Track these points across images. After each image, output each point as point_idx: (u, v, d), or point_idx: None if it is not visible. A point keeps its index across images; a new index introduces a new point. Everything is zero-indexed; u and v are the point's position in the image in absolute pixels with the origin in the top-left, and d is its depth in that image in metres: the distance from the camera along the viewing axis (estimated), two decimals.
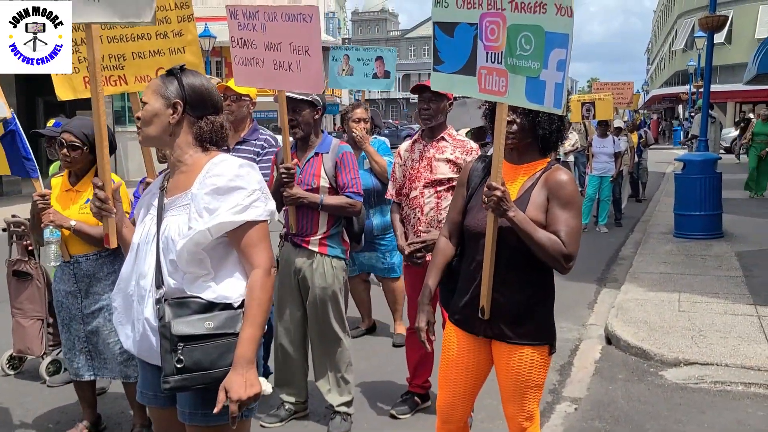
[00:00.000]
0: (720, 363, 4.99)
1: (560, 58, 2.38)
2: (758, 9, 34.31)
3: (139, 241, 2.30)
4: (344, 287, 4.13)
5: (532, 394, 2.76)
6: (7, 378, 5.02)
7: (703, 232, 9.61)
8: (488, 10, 2.56)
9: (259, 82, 3.92)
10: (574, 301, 6.91)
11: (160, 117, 2.25)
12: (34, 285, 4.79)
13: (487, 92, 2.66)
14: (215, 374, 2.09)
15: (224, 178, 2.15)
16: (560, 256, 2.54)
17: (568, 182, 2.64)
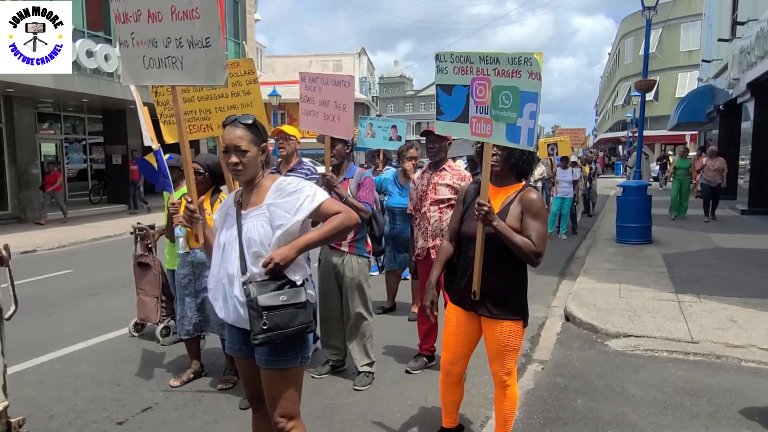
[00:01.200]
0: (650, 336, 4.92)
1: (532, 110, 2.48)
2: (678, 75, 34.35)
3: (224, 241, 2.36)
4: (368, 277, 4.13)
5: (510, 356, 2.79)
6: (133, 338, 5.11)
7: (637, 239, 9.52)
8: (477, 75, 2.67)
9: (315, 128, 4.01)
10: (542, 289, 6.84)
11: (256, 159, 2.31)
12: (152, 272, 4.89)
13: (476, 135, 2.74)
14: (289, 332, 2.18)
15: (292, 186, 2.29)
16: (532, 254, 2.60)
17: (538, 200, 2.70)
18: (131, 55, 2.51)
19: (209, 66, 2.35)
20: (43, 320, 5.75)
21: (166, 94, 3.43)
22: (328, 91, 3.86)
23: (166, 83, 2.51)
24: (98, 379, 4.16)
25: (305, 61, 41.59)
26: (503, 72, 2.56)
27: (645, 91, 10.10)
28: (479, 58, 2.65)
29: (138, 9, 2.43)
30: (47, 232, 12.25)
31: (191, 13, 2.31)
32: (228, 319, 2.35)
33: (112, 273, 7.86)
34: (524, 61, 2.46)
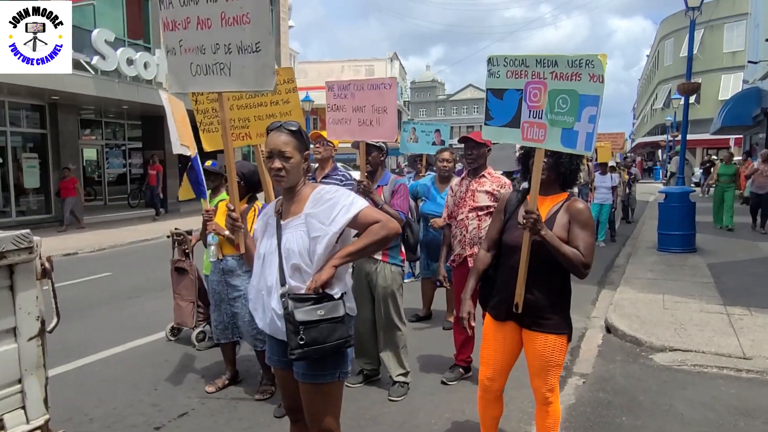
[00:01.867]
0: (698, 350, 4.71)
1: (592, 113, 2.41)
2: (720, 77, 33.32)
3: (264, 252, 2.33)
4: (401, 286, 4.05)
5: (554, 371, 2.68)
6: (170, 342, 5.17)
7: (680, 247, 9.16)
8: (532, 79, 2.59)
9: (346, 135, 3.97)
10: (581, 299, 6.61)
11: (299, 166, 2.28)
12: (188, 277, 4.94)
13: (528, 140, 2.65)
14: (326, 347, 2.13)
15: (329, 195, 2.24)
16: (581, 265, 2.51)
17: (585, 209, 2.62)
18: (178, 63, 2.51)
19: (259, 71, 2.33)
20: (83, 322, 5.87)
21: (206, 103, 3.45)
22: (364, 96, 3.82)
23: (214, 90, 2.50)
24: (136, 383, 4.21)
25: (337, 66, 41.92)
26: (561, 75, 2.48)
27: (689, 94, 9.75)
28: (536, 62, 2.57)
29: (187, 16, 2.43)
30: (88, 235, 12.59)
31: (241, 19, 2.30)
32: (266, 330, 2.33)
33: (150, 276, 8.01)
34: (586, 63, 2.38)
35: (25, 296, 1.98)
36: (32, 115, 14.13)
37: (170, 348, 5.01)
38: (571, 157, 2.65)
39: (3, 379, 1.96)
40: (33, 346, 2.03)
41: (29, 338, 2.01)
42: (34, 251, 1.99)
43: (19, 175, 13.74)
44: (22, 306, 1.98)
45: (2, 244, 1.86)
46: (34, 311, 2.02)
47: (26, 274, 1.99)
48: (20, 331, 1.98)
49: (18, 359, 1.98)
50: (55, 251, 10.32)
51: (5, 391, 1.96)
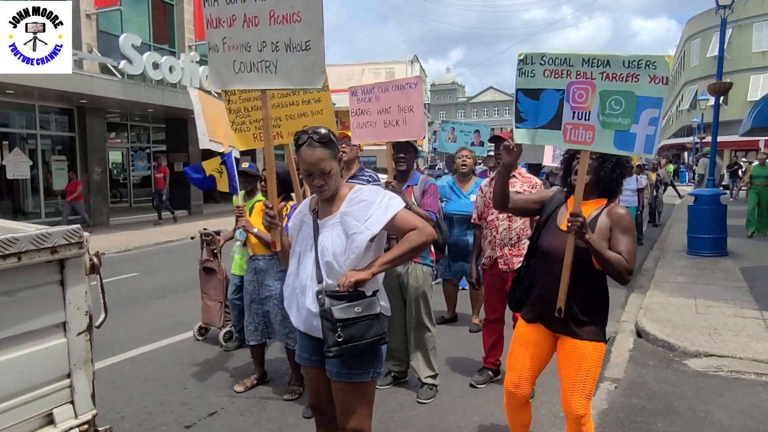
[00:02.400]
0: (734, 356, 4.58)
1: (653, 115, 2.35)
2: (750, 78, 32.70)
3: (300, 250, 2.32)
4: (431, 287, 4.02)
5: (589, 384, 2.56)
6: (197, 342, 5.20)
7: (711, 250, 8.95)
8: (577, 78, 2.49)
9: (371, 138, 3.96)
10: (610, 302, 6.53)
11: (338, 173, 2.27)
12: (216, 277, 4.97)
13: (572, 142, 2.56)
14: (362, 345, 2.12)
15: (368, 197, 2.22)
16: (624, 271, 2.44)
17: (626, 215, 2.55)
18: (221, 60, 2.51)
19: (307, 69, 2.32)
20: (113, 321, 5.85)
21: (238, 102, 3.46)
22: (388, 98, 3.80)
23: (257, 87, 2.48)
24: (166, 382, 4.24)
25: (358, 69, 42.00)
26: (614, 76, 2.40)
27: (720, 94, 9.56)
28: (582, 61, 2.47)
29: (233, 14, 2.42)
30: (114, 236, 12.79)
31: (292, 17, 2.30)
32: (301, 327, 2.32)
33: (176, 276, 8.10)
34: (646, 64, 2.31)
35: (74, 291, 2.01)
36: (61, 119, 14.43)
37: (198, 347, 5.05)
38: (614, 164, 2.58)
39: (53, 373, 1.98)
40: (82, 340, 2.05)
41: (78, 333, 2.03)
42: (83, 246, 2.00)
43: (49, 177, 14.03)
44: (72, 301, 2.00)
45: (54, 239, 1.89)
46: (83, 306, 2.04)
47: (76, 269, 2.01)
48: (70, 325, 2.01)
49: (67, 354, 2.01)
50: None
51: (55, 385, 1.99)
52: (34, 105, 13.39)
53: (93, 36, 14.26)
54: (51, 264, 1.93)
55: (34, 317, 1.90)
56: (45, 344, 1.95)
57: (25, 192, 13.94)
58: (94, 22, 14.28)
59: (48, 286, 1.94)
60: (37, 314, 1.91)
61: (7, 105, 13.06)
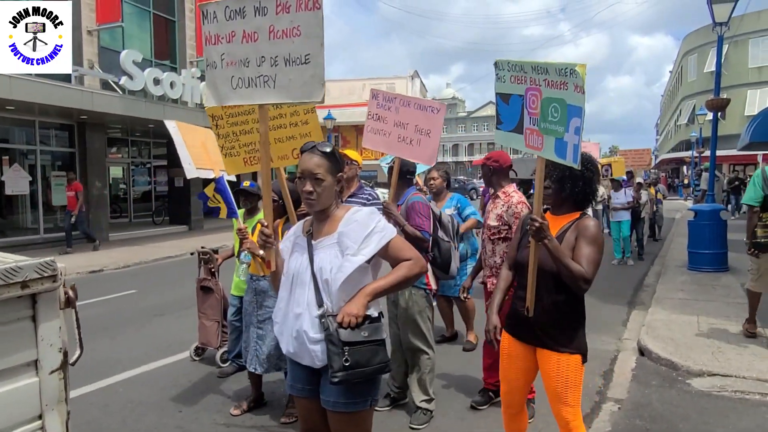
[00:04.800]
0: (738, 375, 4.49)
1: (577, 125, 2.34)
2: (746, 93, 32.79)
3: (293, 273, 2.26)
4: (426, 310, 3.90)
5: (572, 393, 2.59)
6: (194, 362, 5.11)
7: (711, 266, 8.87)
8: (530, 85, 2.55)
9: (382, 147, 3.91)
10: (611, 319, 6.45)
11: (332, 189, 2.22)
12: (214, 297, 4.89)
13: (530, 147, 2.63)
14: (368, 370, 2.05)
15: (363, 220, 2.17)
16: (581, 278, 2.45)
17: (593, 226, 2.60)
18: (219, 76, 2.49)
19: (306, 82, 2.29)
20: (108, 341, 5.87)
21: (227, 127, 3.42)
22: (409, 114, 3.73)
23: (255, 102, 2.46)
24: (161, 405, 4.16)
25: (359, 84, 42.17)
26: (552, 83, 2.41)
27: (717, 110, 9.54)
28: (531, 68, 2.53)
29: (232, 30, 2.42)
30: (113, 252, 12.72)
31: (292, 32, 2.29)
32: (293, 354, 2.24)
33: (175, 294, 8.01)
34: (570, 72, 2.31)
35: (47, 327, 1.87)
36: (61, 134, 14.44)
37: (195, 368, 4.95)
38: (573, 180, 2.62)
39: (22, 415, 1.83)
40: (55, 379, 1.90)
41: (51, 371, 1.89)
42: (57, 279, 1.87)
43: (48, 192, 13.99)
44: (44, 337, 1.86)
45: (25, 273, 1.76)
46: (57, 342, 1.90)
47: (49, 303, 1.87)
48: (42, 364, 1.86)
49: (39, 394, 1.86)
50: (80, 268, 10.43)
51: (25, 428, 1.84)
52: (34, 121, 13.39)
53: (94, 52, 14.32)
54: (22, 299, 1.79)
55: (2, 356, 1.76)
56: (14, 384, 1.80)
57: (25, 208, 13.89)
58: (96, 38, 14.35)
59: (18, 322, 1.80)
60: (6, 352, 1.77)
61: (7, 121, 13.07)
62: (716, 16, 9.17)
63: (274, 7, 2.32)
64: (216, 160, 3.91)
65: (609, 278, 9.18)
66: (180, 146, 3.66)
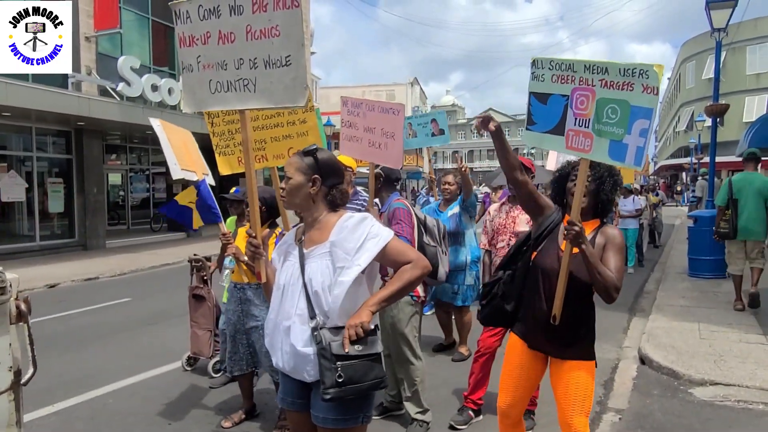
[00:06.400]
0: (741, 384, 4.39)
1: (643, 127, 2.28)
2: (745, 99, 32.83)
3: (284, 283, 2.15)
4: (414, 319, 3.79)
5: (588, 400, 2.54)
6: (186, 372, 5.00)
7: (712, 272, 8.77)
8: (580, 85, 2.46)
9: (357, 154, 3.86)
10: (610, 327, 6.35)
11: (302, 189, 2.13)
12: (206, 305, 4.79)
13: (573, 149, 2.53)
14: (362, 387, 1.94)
15: (356, 227, 2.06)
16: (613, 288, 2.39)
17: (619, 236, 2.56)
18: (196, 80, 2.37)
19: (288, 86, 2.18)
20: (97, 351, 5.76)
21: (222, 125, 3.34)
22: (375, 118, 3.69)
23: (235, 107, 2.34)
24: (149, 418, 4.04)
25: (358, 91, 42.29)
26: (612, 83, 2.34)
27: (717, 116, 9.49)
28: (584, 67, 2.44)
29: (207, 31, 2.30)
30: (110, 259, 12.62)
31: (270, 32, 2.17)
32: (284, 367, 2.13)
33: (169, 302, 7.89)
34: (640, 73, 2.24)
35: None
36: (58, 141, 14.36)
37: (186, 378, 4.84)
38: (613, 185, 2.56)
39: None
40: (4, 401, 1.73)
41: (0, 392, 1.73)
42: (7, 292, 1.72)
43: (44, 199, 13.89)
44: None
45: None
46: (7, 361, 1.73)
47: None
48: None
49: None
50: (76, 276, 10.33)
51: None
52: (31, 127, 13.31)
53: (92, 58, 14.27)
54: None
55: None
56: None
57: (21, 215, 13.79)
58: (94, 45, 14.31)
59: None
60: None
61: (3, 127, 12.98)
62: (714, 21, 9.14)
63: (251, 6, 2.20)
64: (198, 162, 3.82)
65: None
66: (165, 145, 3.57)
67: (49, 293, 9.08)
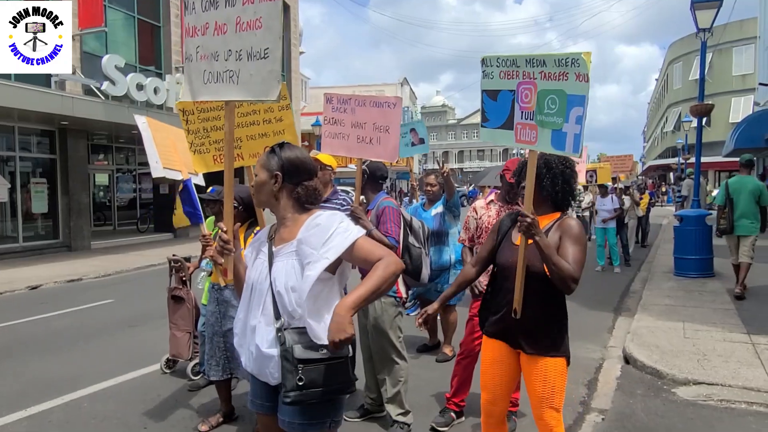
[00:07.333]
0: (724, 384, 4.38)
1: (578, 114, 2.35)
2: (731, 100, 33.21)
3: (253, 281, 2.10)
4: (397, 319, 3.74)
5: (557, 398, 2.54)
6: (164, 375, 4.92)
7: (698, 272, 8.83)
8: (523, 79, 2.54)
9: (342, 151, 3.81)
10: (596, 327, 6.34)
11: (266, 186, 2.09)
12: (185, 306, 4.72)
13: (521, 142, 2.60)
14: (326, 391, 1.88)
15: (324, 222, 1.99)
16: (569, 278, 2.39)
17: (576, 226, 2.57)
18: (194, 70, 2.39)
19: (265, 79, 2.17)
20: (75, 354, 5.66)
21: (197, 122, 3.28)
22: (365, 113, 3.65)
23: (221, 98, 2.34)
24: (125, 421, 3.96)
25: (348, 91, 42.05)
26: (550, 75, 2.42)
27: (701, 116, 9.50)
28: (525, 61, 2.52)
29: (206, 22, 2.32)
30: (95, 260, 12.47)
31: (255, 24, 2.17)
32: (252, 369, 2.07)
33: (152, 304, 7.75)
34: (572, 62, 2.32)
35: None
36: (42, 141, 14.16)
37: (164, 381, 4.76)
38: (552, 179, 2.60)
39: None
40: None
41: None
42: None
43: (28, 200, 13.70)
44: None
45: None
46: None
47: None
48: None
49: None
50: (59, 277, 10.18)
51: None
52: (13, 127, 13.12)
53: (77, 57, 14.07)
54: None
55: None
56: None
57: (4, 216, 13.58)
58: (78, 43, 14.12)
59: None
60: None
61: None
62: (699, 22, 9.17)
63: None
64: (186, 161, 3.75)
65: (595, 285, 9.09)
66: (148, 143, 3.51)
67: (31, 295, 8.94)
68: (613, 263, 10.45)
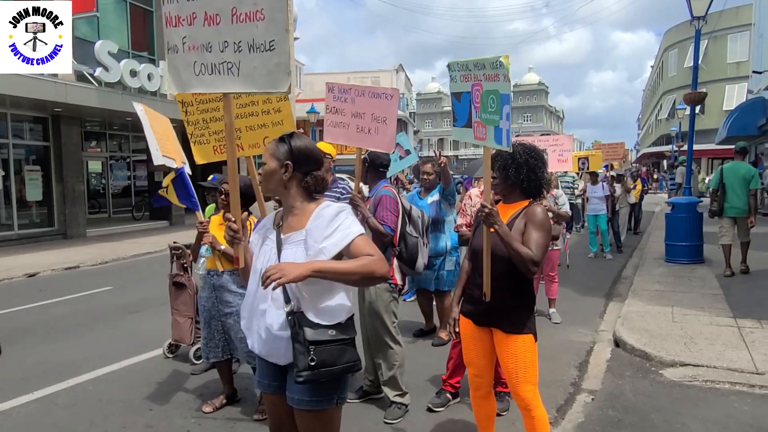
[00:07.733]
0: (709, 365, 4.55)
1: (508, 111, 2.58)
2: (725, 88, 33.23)
3: (261, 267, 2.18)
4: (391, 304, 3.87)
5: (529, 372, 2.72)
6: (167, 360, 5.04)
7: (688, 258, 9.02)
8: (475, 82, 2.78)
9: (342, 139, 3.90)
10: (588, 312, 6.51)
11: (275, 175, 2.17)
12: (187, 292, 4.83)
13: (478, 139, 2.83)
14: (335, 370, 2.00)
15: (329, 215, 2.08)
16: (529, 261, 2.58)
17: (541, 212, 2.73)
18: (181, 61, 2.34)
19: (271, 71, 2.15)
20: (78, 339, 5.77)
21: (197, 114, 3.34)
22: (364, 103, 3.73)
23: (219, 90, 2.32)
24: (130, 404, 4.08)
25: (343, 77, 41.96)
26: (489, 76, 2.66)
27: (694, 103, 9.62)
28: (474, 65, 2.75)
29: (193, 11, 2.26)
30: (91, 248, 12.52)
31: (255, 15, 2.15)
32: (260, 351, 2.18)
33: (151, 290, 7.89)
34: (499, 64, 2.56)
35: None
36: (35, 128, 14.12)
37: (167, 366, 4.88)
38: (517, 168, 2.76)
39: None
40: None
41: None
42: None
43: (22, 188, 13.70)
44: None
45: None
46: None
47: None
48: None
49: None
50: (56, 265, 10.25)
51: None
52: (6, 113, 13.07)
53: None
54: None
55: None
56: None
57: None
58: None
59: None
60: None
61: None
62: (694, 10, 9.24)
63: None
64: (177, 150, 3.83)
65: (588, 271, 9.26)
66: (148, 131, 3.56)
67: (29, 282, 9.02)
68: (604, 249, 10.62)
